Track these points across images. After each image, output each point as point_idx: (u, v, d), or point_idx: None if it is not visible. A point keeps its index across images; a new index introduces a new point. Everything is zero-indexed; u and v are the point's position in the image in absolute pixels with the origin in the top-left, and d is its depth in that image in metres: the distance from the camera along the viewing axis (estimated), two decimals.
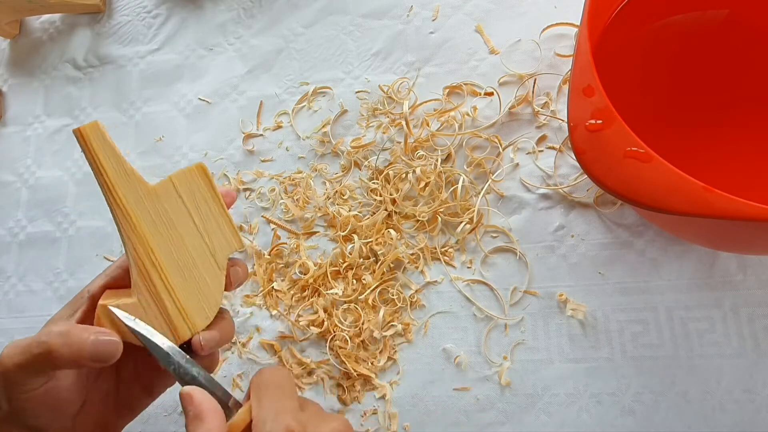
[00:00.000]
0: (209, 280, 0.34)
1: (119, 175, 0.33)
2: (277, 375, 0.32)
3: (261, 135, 0.56)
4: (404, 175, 0.49)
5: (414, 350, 0.47)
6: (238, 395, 0.49)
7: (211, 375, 0.33)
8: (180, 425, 0.49)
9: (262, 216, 0.53)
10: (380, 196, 0.50)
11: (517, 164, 0.48)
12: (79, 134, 0.33)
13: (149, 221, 0.33)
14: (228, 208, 0.35)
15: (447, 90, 0.52)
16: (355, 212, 0.50)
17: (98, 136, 0.33)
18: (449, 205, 0.48)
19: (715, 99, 0.46)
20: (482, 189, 0.48)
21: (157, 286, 0.33)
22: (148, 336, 0.32)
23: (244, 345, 0.50)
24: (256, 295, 0.51)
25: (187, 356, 0.32)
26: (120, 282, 0.35)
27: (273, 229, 0.52)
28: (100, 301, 0.32)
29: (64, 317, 0.34)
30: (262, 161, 0.55)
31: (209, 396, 0.30)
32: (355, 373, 0.46)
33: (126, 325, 0.32)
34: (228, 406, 0.31)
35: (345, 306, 0.48)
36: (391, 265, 0.48)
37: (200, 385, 0.31)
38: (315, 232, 0.51)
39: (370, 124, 0.53)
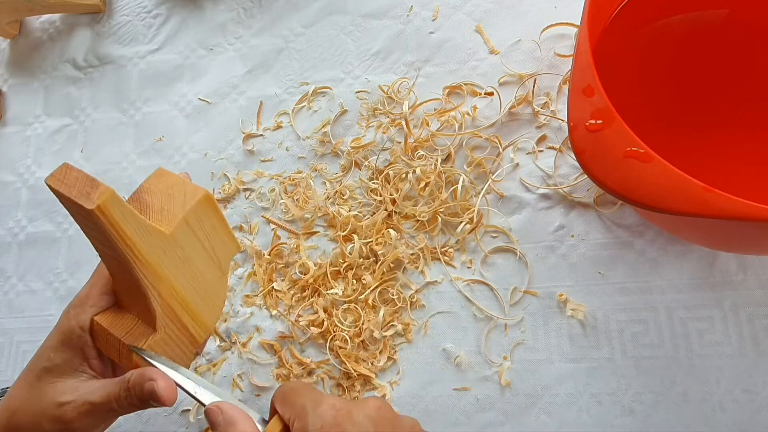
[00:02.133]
0: (216, 286, 0.36)
1: (143, 238, 0.31)
2: (295, 382, 0.33)
3: (261, 135, 0.56)
4: (404, 175, 0.49)
5: (414, 350, 0.47)
6: (237, 395, 0.49)
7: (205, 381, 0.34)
8: (180, 425, 0.49)
9: (262, 216, 0.53)
10: (380, 196, 0.50)
11: (517, 164, 0.48)
12: (99, 212, 0.28)
13: (169, 265, 0.33)
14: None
15: (447, 90, 0.52)
16: (355, 212, 0.50)
17: (116, 203, 0.28)
18: (449, 205, 0.48)
19: (715, 99, 0.46)
20: (482, 189, 0.48)
21: (176, 311, 0.34)
22: (182, 384, 0.33)
23: (244, 345, 0.50)
24: (256, 295, 0.51)
25: (208, 390, 0.33)
26: (107, 306, 0.36)
27: (273, 229, 0.52)
28: (123, 340, 0.33)
29: (69, 360, 0.34)
30: (262, 161, 0.55)
31: (236, 406, 0.31)
32: (355, 373, 0.46)
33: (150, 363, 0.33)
34: (255, 424, 0.32)
35: (345, 306, 0.48)
36: (391, 265, 0.48)
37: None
38: (315, 232, 0.51)
39: (370, 124, 0.53)
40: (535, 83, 0.49)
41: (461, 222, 0.47)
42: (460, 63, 0.52)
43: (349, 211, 0.50)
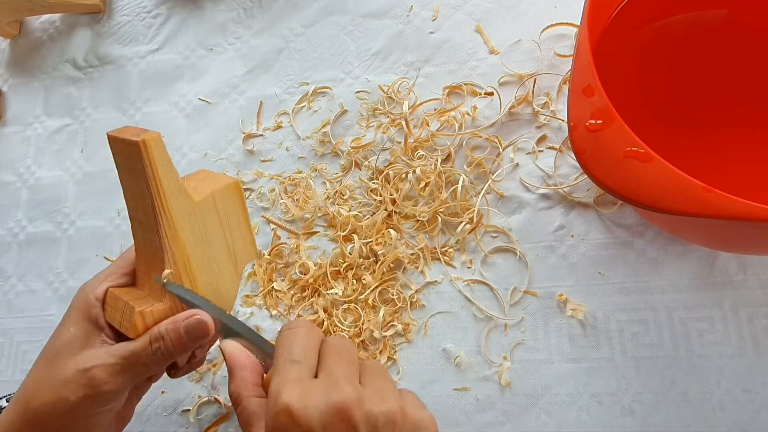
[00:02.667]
0: (227, 284, 0.37)
1: (173, 190, 0.33)
2: (294, 331, 0.30)
3: (261, 135, 0.56)
4: (404, 175, 0.49)
5: (414, 350, 0.47)
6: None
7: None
8: (180, 425, 0.49)
9: (262, 216, 0.53)
10: (380, 196, 0.50)
11: (517, 164, 0.48)
12: (142, 145, 0.31)
13: (189, 233, 0.34)
14: None
15: (447, 90, 0.52)
16: (355, 212, 0.50)
17: (160, 148, 0.32)
18: (449, 205, 0.48)
19: (715, 99, 0.46)
20: (482, 189, 0.48)
21: (185, 286, 0.35)
22: (194, 301, 0.34)
23: None
24: (256, 295, 0.51)
25: (229, 314, 0.34)
26: (124, 285, 0.36)
27: (273, 229, 0.52)
28: (137, 308, 0.33)
29: (88, 331, 0.34)
30: (262, 161, 0.55)
31: (241, 349, 0.32)
32: None
33: (172, 294, 0.34)
34: (272, 356, 0.32)
35: (345, 306, 0.48)
36: (391, 265, 0.48)
37: (242, 338, 0.33)
38: (315, 232, 0.51)
39: (370, 124, 0.53)
40: (535, 83, 0.49)
41: (461, 222, 0.47)
42: (460, 63, 0.52)
43: (349, 211, 0.50)
